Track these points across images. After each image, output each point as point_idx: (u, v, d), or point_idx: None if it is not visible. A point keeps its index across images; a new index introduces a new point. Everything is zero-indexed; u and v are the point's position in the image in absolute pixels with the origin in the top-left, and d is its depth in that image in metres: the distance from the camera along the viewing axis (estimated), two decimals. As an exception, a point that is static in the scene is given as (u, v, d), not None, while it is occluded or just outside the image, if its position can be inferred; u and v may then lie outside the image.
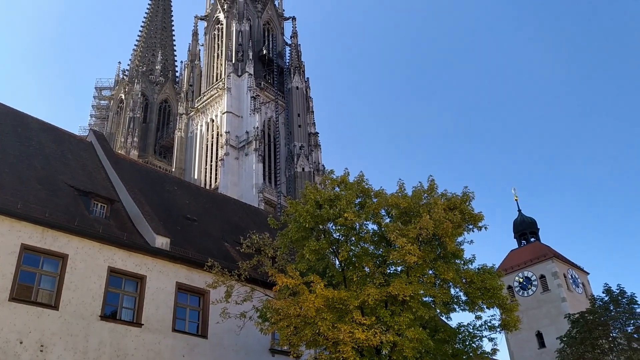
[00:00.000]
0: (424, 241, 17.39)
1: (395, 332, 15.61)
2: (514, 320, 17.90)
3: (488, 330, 18.27)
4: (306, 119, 72.92)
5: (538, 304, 49.20)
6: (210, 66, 77.77)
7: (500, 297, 17.76)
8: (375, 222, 18.51)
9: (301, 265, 17.69)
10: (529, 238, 56.26)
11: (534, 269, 51.27)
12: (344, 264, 17.69)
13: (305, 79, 76.93)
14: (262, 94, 72.03)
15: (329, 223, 18.33)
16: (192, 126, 74.71)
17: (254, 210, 35.06)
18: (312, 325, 15.28)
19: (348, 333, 14.88)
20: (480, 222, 18.57)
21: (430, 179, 19.12)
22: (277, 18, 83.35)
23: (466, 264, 18.23)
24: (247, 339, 19.77)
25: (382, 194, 18.62)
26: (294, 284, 15.92)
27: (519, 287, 51.71)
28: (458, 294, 18.37)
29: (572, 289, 50.23)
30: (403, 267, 17.32)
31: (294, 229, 18.27)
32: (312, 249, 17.25)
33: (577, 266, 53.32)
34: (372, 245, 18.28)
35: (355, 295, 15.88)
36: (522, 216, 57.43)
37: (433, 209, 17.17)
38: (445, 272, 16.93)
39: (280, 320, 15.68)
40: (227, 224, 27.57)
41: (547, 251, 52.31)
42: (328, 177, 19.75)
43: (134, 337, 18.15)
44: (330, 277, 17.58)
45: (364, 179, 19.19)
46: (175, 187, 28.25)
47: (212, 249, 23.17)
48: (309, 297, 15.38)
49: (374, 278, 16.75)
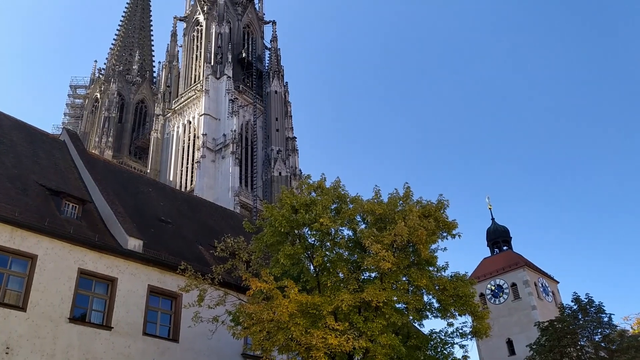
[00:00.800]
0: (398, 248, 17.50)
1: (368, 338, 15.66)
2: (485, 328, 18.11)
3: (459, 337, 18.47)
4: (284, 123, 72.91)
5: (509, 312, 49.86)
6: (188, 68, 77.23)
7: (472, 305, 17.95)
8: (351, 228, 18.58)
9: (275, 269, 17.62)
10: (501, 246, 57.03)
11: (505, 277, 51.98)
12: (319, 269, 17.69)
13: (284, 83, 76.97)
14: (241, 97, 71.79)
15: (305, 228, 18.32)
16: (169, 127, 74.02)
17: (230, 213, 34.83)
18: (285, 330, 15.22)
19: (321, 338, 14.86)
20: (454, 230, 18.77)
21: (405, 186, 19.30)
22: (257, 21, 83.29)
23: (439, 271, 18.40)
24: (219, 343, 19.59)
25: (358, 200, 18.70)
26: (268, 288, 15.85)
27: (491, 295, 52.34)
28: (431, 301, 18.52)
29: (542, 297, 51.06)
30: (377, 274, 17.40)
31: (269, 233, 18.21)
32: (287, 253, 17.22)
33: (548, 275, 54.25)
34: (347, 251, 18.33)
35: (329, 301, 15.88)
36: (495, 225, 58.22)
37: (408, 216, 17.28)
38: (419, 279, 17.06)
39: (253, 325, 15.59)
40: (201, 227, 27.33)
41: (519, 260, 53.08)
42: (305, 182, 19.75)
43: (103, 340, 17.84)
44: (305, 282, 17.56)
45: (341, 184, 19.26)
46: (149, 189, 27.92)
47: (186, 252, 22.93)
48: (282, 302, 15.33)
49: (348, 284, 16.78)
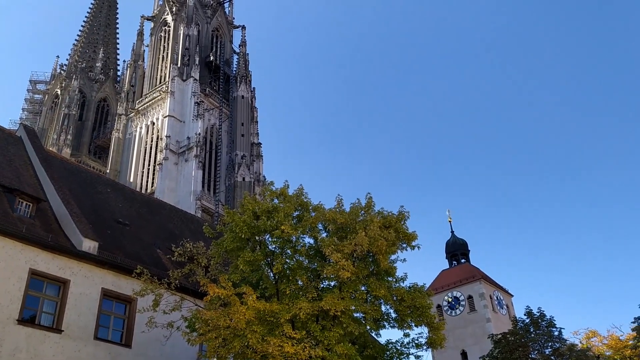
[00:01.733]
0: (358, 257, 17.60)
1: (324, 347, 15.65)
2: (440, 339, 18.36)
3: (415, 348, 18.67)
4: (250, 129, 72.56)
5: (464, 324, 50.70)
6: (154, 68, 76.08)
7: (428, 316, 18.18)
8: (312, 236, 18.58)
9: (234, 275, 17.47)
10: (459, 259, 58.01)
11: (462, 289, 52.87)
12: (278, 276, 17.61)
13: (251, 88, 76.70)
14: (207, 101, 71.12)
15: (266, 235, 18.24)
16: (131, 128, 72.65)
17: (190, 217, 34.34)
18: (242, 337, 15.07)
19: (277, 347, 14.78)
20: (414, 242, 19.02)
21: (368, 196, 19.45)
22: (226, 25, 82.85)
23: (398, 282, 18.59)
24: (173, 349, 19.23)
25: (320, 209, 18.74)
26: (226, 294, 15.67)
27: (448, 307, 53.13)
28: (388, 311, 18.67)
29: (497, 310, 52.13)
30: (336, 283, 17.43)
31: (229, 238, 18.05)
32: (247, 259, 17.10)
33: (503, 288, 55.44)
34: (307, 259, 18.31)
35: (287, 309, 15.81)
36: (454, 238, 59.22)
37: (369, 226, 17.41)
38: (377, 289, 17.18)
39: (209, 332, 15.38)
40: (160, 230, 26.85)
41: (476, 273, 54.11)
42: (268, 188, 19.70)
43: (52, 343, 17.28)
44: (264, 289, 17.46)
45: (304, 192, 19.29)
46: (108, 189, 27.27)
47: (143, 255, 22.48)
48: (240, 308, 15.19)
49: (307, 292, 16.76)
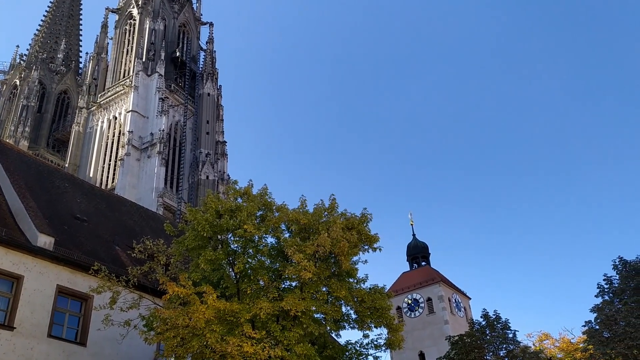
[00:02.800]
0: (320, 258, 17.68)
1: (284, 347, 15.65)
2: (399, 340, 18.61)
3: (374, 349, 18.83)
4: (215, 127, 71.88)
5: (423, 326, 51.48)
6: (118, 61, 74.55)
7: (388, 317, 18.40)
8: (275, 236, 18.58)
9: (195, 274, 17.30)
10: (420, 262, 58.88)
11: (422, 291, 53.68)
12: (239, 276, 17.53)
13: (217, 86, 76.00)
14: (171, 97, 70.13)
15: (228, 234, 18.14)
16: (92, 122, 71.01)
17: (151, 214, 33.76)
18: (200, 337, 14.94)
19: (236, 346, 14.70)
20: (376, 244, 19.23)
21: (331, 198, 19.56)
22: (194, 21, 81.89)
23: (359, 283, 18.73)
24: (130, 348, 18.90)
25: (283, 209, 18.75)
26: (186, 293, 15.51)
27: (407, 309, 53.85)
28: (349, 312, 18.80)
29: (454, 313, 53.12)
30: (298, 283, 17.46)
31: (190, 237, 17.86)
32: (208, 258, 16.95)
33: (461, 291, 56.56)
34: (269, 259, 18.30)
35: (247, 309, 15.76)
36: (415, 241, 60.07)
37: (332, 227, 17.52)
38: (338, 290, 17.29)
39: (167, 331, 15.19)
40: (120, 227, 26.32)
41: (436, 275, 55.02)
42: (231, 187, 19.59)
43: (4, 340, 16.73)
44: (224, 289, 17.35)
45: (268, 192, 19.25)
46: (66, 184, 26.56)
47: (101, 252, 22.01)
48: (199, 307, 15.05)
49: (268, 292, 16.73)
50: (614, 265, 28.04)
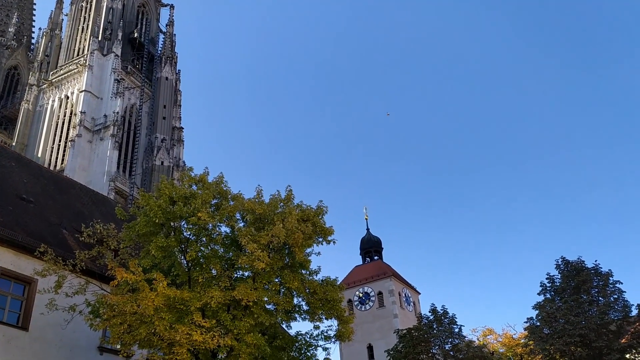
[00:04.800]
0: (274, 249, 17.66)
1: (234, 336, 15.59)
2: (349, 332, 18.83)
3: (324, 340, 19.01)
4: (172, 112, 70.54)
5: (373, 319, 52.29)
6: (72, 39, 72.02)
7: (339, 309, 18.58)
8: (229, 225, 18.42)
9: (145, 261, 16.98)
10: (373, 256, 59.70)
11: (373, 285, 54.48)
12: (191, 264, 17.32)
13: (176, 70, 74.56)
14: (128, 79, 68.32)
15: (181, 221, 17.88)
16: (43, 100, 68.42)
17: (102, 198, 32.85)
18: (149, 324, 14.70)
19: (185, 335, 14.55)
20: (330, 236, 19.32)
21: (288, 189, 19.53)
22: (153, 3, 79.88)
23: (312, 275, 18.82)
24: (74, 334, 18.41)
25: (239, 198, 18.60)
26: (135, 279, 15.21)
27: (358, 302, 54.55)
28: (300, 303, 18.88)
29: (404, 307, 54.18)
30: (250, 273, 17.41)
31: (142, 222, 17.50)
32: (160, 245, 16.66)
33: (411, 286, 57.70)
34: (223, 247, 18.14)
35: (198, 297, 15.60)
36: (369, 235, 60.84)
37: (287, 218, 17.50)
38: (291, 281, 17.33)
39: (113, 317, 14.87)
40: (68, 210, 25.51)
41: (387, 270, 55.92)
42: (187, 174, 19.30)
43: (-62, 324, 16.00)
44: (175, 276, 17.11)
45: (224, 180, 19.06)
46: (12, 163, 25.51)
47: (47, 235, 21.27)
48: (149, 294, 14.80)
49: (220, 281, 16.61)
50: (556, 264, 29.17)
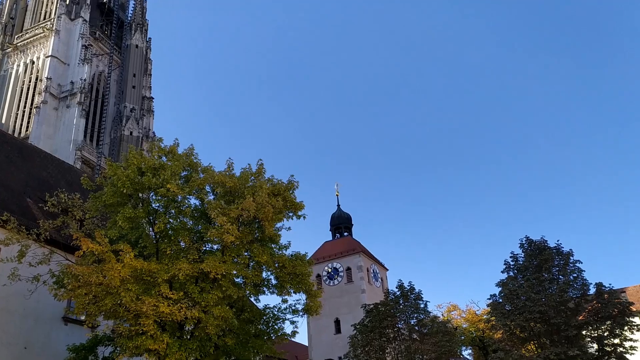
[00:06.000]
0: (244, 222, 17.57)
1: (201, 308, 15.55)
2: (316, 306, 18.99)
3: (292, 314, 19.16)
4: (142, 81, 68.94)
5: (341, 294, 52.91)
6: (38, 2, 69.41)
7: (307, 284, 18.68)
8: (199, 197, 18.23)
9: (112, 232, 16.70)
10: (343, 232, 60.15)
11: (342, 261, 55.02)
12: (160, 236, 17.14)
13: (147, 38, 72.65)
14: (96, 45, 66.34)
15: (150, 192, 17.61)
16: (7, 64, 66.01)
17: (68, 167, 32.08)
18: (115, 295, 14.54)
19: (152, 306, 14.45)
20: (301, 211, 19.31)
21: (259, 163, 19.37)
22: (125, -33, 77.23)
23: (281, 250, 18.83)
24: (38, 304, 18.13)
25: (209, 171, 18.38)
26: (101, 250, 14.96)
27: (327, 277, 55.07)
28: (269, 277, 18.92)
29: (372, 282, 54.94)
30: (219, 246, 17.31)
31: (109, 193, 17.17)
32: (127, 216, 16.40)
33: (380, 262, 58.47)
34: (192, 220, 17.99)
35: (166, 269, 15.47)
36: (340, 211, 61.17)
37: (258, 192, 17.39)
38: (260, 255, 17.30)
39: (78, 288, 14.63)
40: (32, 178, 24.85)
41: (356, 246, 56.46)
42: (156, 144, 18.96)
43: None
44: (142, 248, 16.91)
45: (194, 152, 18.80)
46: (-27, 129, 24.64)
47: (10, 203, 20.73)
48: (115, 266, 14.59)
49: (189, 253, 16.48)
50: (520, 244, 29.88)
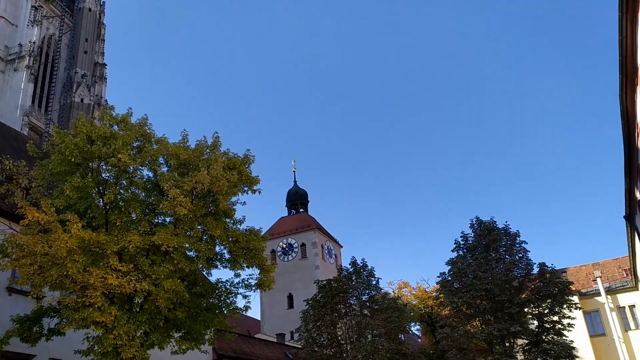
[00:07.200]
0: (197, 196, 17.31)
1: (152, 281, 15.32)
2: (269, 281, 19.00)
3: (244, 288, 19.11)
4: (94, 47, 66.42)
5: (295, 269, 53.40)
6: (-17, -44, 65.26)
7: (260, 258, 18.64)
8: (152, 169, 17.82)
9: (59, 201, 16.14)
10: (298, 208, 60.35)
11: (297, 237, 55.39)
12: (109, 206, 16.68)
13: (101, 2, 69.78)
14: (46, 7, 63.31)
15: (100, 162, 17.07)
16: (-52, 22, 62.16)
17: (14, 133, 30.72)
18: (61, 266, 14.11)
19: (100, 278, 14.13)
20: (256, 186, 19.16)
21: (215, 136, 19.06)
22: None
23: (235, 224, 18.68)
24: (-21, 275, 17.42)
25: (163, 142, 17.95)
26: (47, 220, 14.46)
27: (282, 252, 55.37)
28: (222, 252, 18.77)
29: (326, 259, 55.62)
30: (172, 219, 17.03)
31: (57, 160, 16.54)
32: (75, 185, 15.86)
33: (334, 239, 59.13)
34: (144, 192, 17.59)
35: (115, 240, 15.11)
36: (296, 187, 61.31)
37: (212, 165, 17.12)
38: (214, 228, 17.12)
39: (23, 257, 14.13)
40: (-26, 144, 23.70)
41: (312, 222, 56.87)
42: (107, 112, 18.32)
43: None
44: (91, 219, 16.44)
45: (148, 123, 18.28)
46: None
47: (-51, 169, 19.70)
48: (62, 236, 14.14)
49: (140, 225, 16.15)
50: (471, 224, 30.78)
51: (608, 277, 41.22)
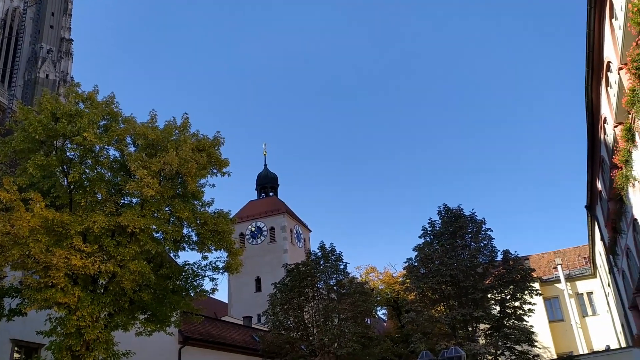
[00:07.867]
0: (166, 177, 17.11)
1: (117, 263, 15.15)
2: (237, 264, 18.98)
3: (212, 271, 19.04)
4: (61, 21, 64.37)
5: (263, 253, 53.43)
6: None
7: (228, 241, 18.58)
8: (118, 148, 17.50)
9: (21, 179, 15.74)
10: (268, 192, 60.23)
11: (266, 220, 55.33)
12: (74, 186, 16.37)
13: (68, -25, 67.52)
14: (11, -22, 60.93)
15: (65, 140, 16.69)
16: None
17: (-26, 109, 29.75)
18: (23, 246, 13.83)
19: (63, 258, 13.90)
20: (226, 168, 19.03)
21: (184, 117, 18.79)
22: None
23: (204, 207, 18.55)
24: (-63, 254, 16.89)
25: (131, 121, 17.63)
26: (8, 198, 14.11)
27: (250, 236, 55.28)
28: (190, 234, 18.63)
29: (294, 243, 55.79)
30: (139, 200, 16.81)
31: (19, 138, 16.11)
32: (38, 163, 15.50)
33: (303, 223, 59.29)
34: (110, 172, 17.29)
35: (79, 221, 14.85)
36: (266, 171, 61.13)
37: (181, 146, 16.93)
38: (182, 210, 16.98)
39: (-18, 237, 13.79)
40: None
41: (281, 206, 56.86)
42: (73, 89, 17.90)
43: None
44: (55, 198, 16.11)
45: (115, 101, 17.92)
46: None
47: None
48: (24, 215, 13.84)
49: (105, 206, 15.90)
50: (438, 211, 31.23)
51: (568, 264, 42.57)
